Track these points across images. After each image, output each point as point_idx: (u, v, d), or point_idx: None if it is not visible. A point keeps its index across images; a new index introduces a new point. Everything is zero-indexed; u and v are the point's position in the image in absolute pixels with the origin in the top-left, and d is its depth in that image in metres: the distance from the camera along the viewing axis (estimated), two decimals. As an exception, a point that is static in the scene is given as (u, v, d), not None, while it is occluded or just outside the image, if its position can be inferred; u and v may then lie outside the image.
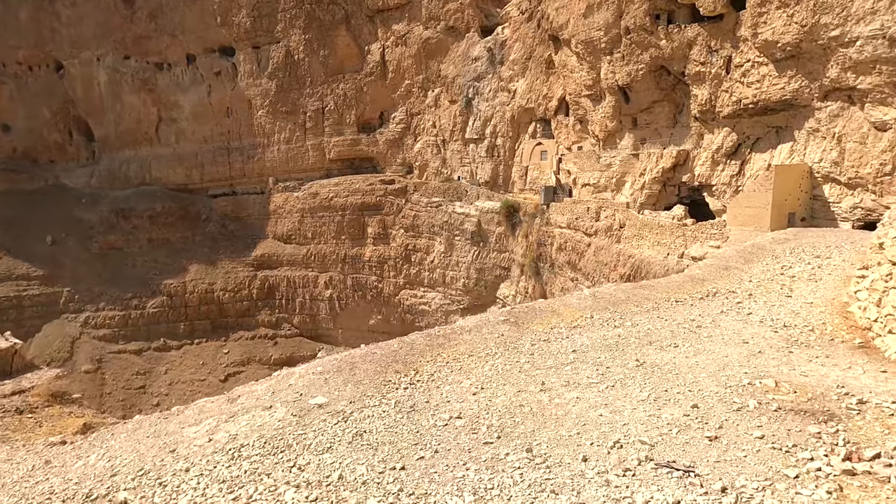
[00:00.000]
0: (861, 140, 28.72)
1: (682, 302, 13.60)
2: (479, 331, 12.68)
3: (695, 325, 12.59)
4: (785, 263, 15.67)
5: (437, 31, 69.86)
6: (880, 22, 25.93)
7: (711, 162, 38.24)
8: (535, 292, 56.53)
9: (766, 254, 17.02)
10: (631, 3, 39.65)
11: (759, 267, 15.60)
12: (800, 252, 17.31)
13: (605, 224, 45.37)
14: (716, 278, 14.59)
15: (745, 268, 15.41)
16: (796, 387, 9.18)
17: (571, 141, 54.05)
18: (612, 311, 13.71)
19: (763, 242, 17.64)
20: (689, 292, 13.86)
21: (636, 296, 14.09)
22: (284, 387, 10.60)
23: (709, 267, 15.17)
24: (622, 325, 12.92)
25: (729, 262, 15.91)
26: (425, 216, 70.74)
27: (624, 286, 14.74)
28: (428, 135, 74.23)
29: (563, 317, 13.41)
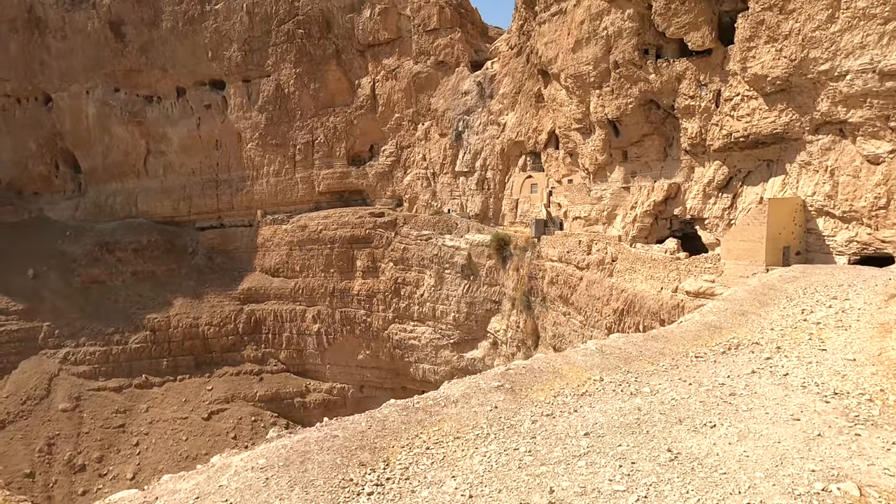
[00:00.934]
0: (854, 173, 28.42)
1: (703, 357, 11.93)
2: (468, 402, 10.62)
3: (727, 391, 10.72)
4: (803, 307, 14.34)
5: (427, 65, 70.36)
6: (870, 56, 25.89)
7: (703, 195, 37.89)
8: (526, 326, 55.50)
9: (779, 295, 15.75)
10: (619, 38, 39.84)
11: (777, 311, 14.22)
12: (814, 293, 16.05)
13: (597, 257, 44.74)
14: (733, 325, 13.05)
15: (761, 312, 14.04)
16: (888, 496, 7.11)
17: (562, 174, 53.85)
18: (624, 371, 11.81)
19: (772, 281, 16.59)
20: (708, 344, 12.28)
21: (649, 350, 12.38)
22: (213, 489, 8.13)
23: (723, 311, 13.75)
24: (640, 393, 10.94)
25: (742, 304, 14.56)
26: (415, 249, 69.98)
27: (634, 338, 12.86)
28: (418, 168, 74.05)
29: (568, 379, 11.44)
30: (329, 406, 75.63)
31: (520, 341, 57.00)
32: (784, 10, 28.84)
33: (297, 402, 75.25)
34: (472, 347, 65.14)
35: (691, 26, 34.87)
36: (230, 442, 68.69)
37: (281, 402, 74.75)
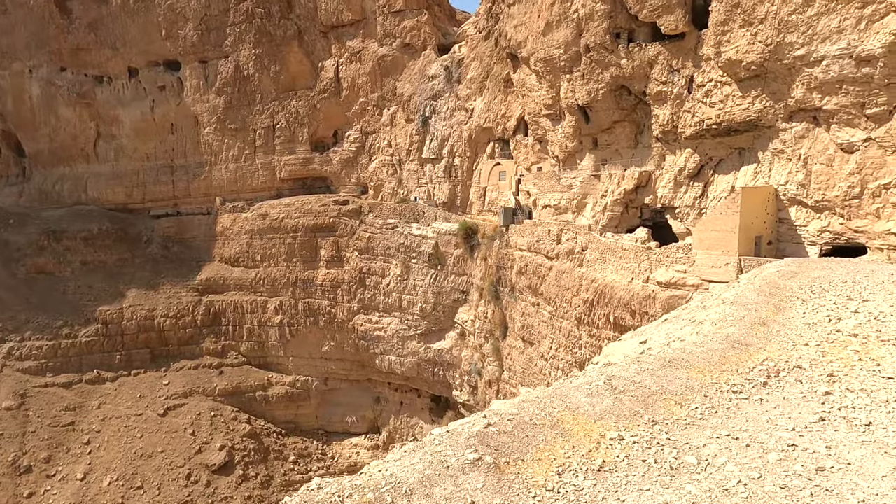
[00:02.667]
0: (828, 162, 27.93)
1: (742, 392, 9.26)
2: (428, 495, 6.84)
3: (808, 461, 7.68)
4: (826, 312, 12.57)
5: (393, 48, 68.14)
6: (847, 41, 25.25)
7: (674, 183, 37.21)
8: (494, 317, 54.48)
9: (789, 296, 13.89)
10: (591, 21, 38.65)
11: (799, 318, 12.23)
12: (822, 292, 14.50)
13: (566, 247, 43.83)
14: (759, 340, 10.72)
15: (781, 319, 11.99)
16: None
17: (531, 161, 52.70)
18: (648, 422, 8.61)
19: (772, 278, 15.35)
20: (740, 369, 9.74)
21: (671, 381, 9.48)
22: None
23: (739, 320, 11.55)
24: (683, 467, 7.61)
25: (757, 309, 12.40)
26: (381, 238, 68.14)
27: (648, 363, 9.93)
28: (383, 154, 71.99)
29: (574, 439, 8.05)
30: (293, 399, 73.66)
31: (488, 332, 55.98)
32: (760, -8, 27.99)
33: (259, 395, 72.92)
34: (439, 338, 63.92)
35: (664, 9, 33.89)
36: (188, 438, 66.13)
37: (242, 395, 72.28)
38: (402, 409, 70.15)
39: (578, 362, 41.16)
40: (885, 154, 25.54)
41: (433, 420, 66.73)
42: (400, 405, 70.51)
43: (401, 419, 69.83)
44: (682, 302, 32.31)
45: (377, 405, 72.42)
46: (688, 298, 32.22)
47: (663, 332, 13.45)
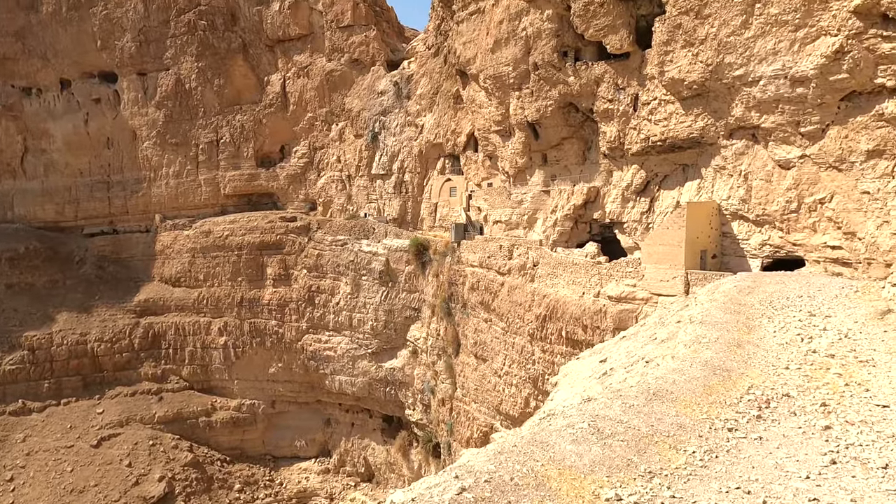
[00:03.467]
0: (767, 178, 28.91)
1: (738, 428, 8.48)
2: None
3: None
4: (796, 330, 12.33)
5: (342, 63, 67.43)
6: (782, 62, 26.29)
7: (622, 199, 37.84)
8: (447, 334, 53.92)
9: (754, 313, 13.72)
10: (539, 39, 39.16)
11: (771, 338, 11.79)
12: (786, 308, 14.54)
13: (518, 262, 43.87)
14: (738, 364, 10.15)
15: (755, 340, 11.57)
16: None
17: (481, 177, 52.81)
18: (644, 474, 7.63)
19: (731, 293, 15.35)
20: (728, 400, 9.03)
21: (660, 419, 8.54)
22: None
23: (713, 342, 11.01)
24: None
25: (727, 328, 11.98)
26: (330, 255, 66.69)
27: (632, 397, 8.98)
28: (332, 170, 70.81)
29: (563, 501, 7.03)
30: (238, 424, 70.64)
31: (440, 349, 55.33)
32: (700, 14, 28.94)
33: (202, 421, 69.55)
34: (391, 357, 62.77)
35: (609, 29, 34.64)
36: (124, 470, 62.25)
37: (184, 422, 68.73)
38: (354, 431, 68.35)
39: (532, 378, 41.04)
40: (819, 170, 26.62)
41: (385, 441, 65.29)
42: (351, 426, 68.70)
43: (352, 441, 67.99)
44: (633, 316, 32.67)
45: (327, 427, 70.33)
46: (638, 312, 32.63)
47: (623, 349, 13.18)
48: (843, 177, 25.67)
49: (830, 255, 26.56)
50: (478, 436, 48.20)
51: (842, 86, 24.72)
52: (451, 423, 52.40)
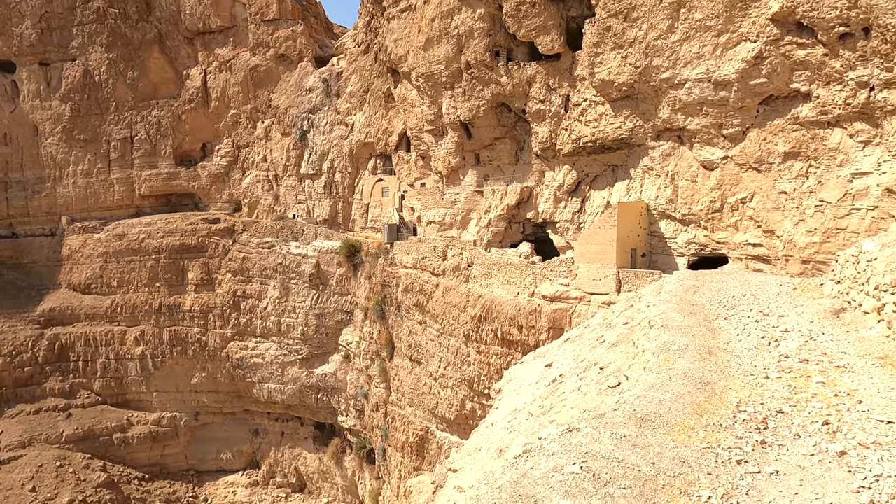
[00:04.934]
0: (692, 178, 29.82)
1: (746, 460, 7.50)
2: None
3: None
4: (760, 333, 11.86)
5: (267, 58, 64.79)
6: (706, 66, 27.13)
7: (554, 199, 38.17)
8: (380, 337, 52.77)
9: (709, 314, 13.23)
10: (471, 38, 38.87)
11: (737, 342, 11.29)
12: (737, 308, 14.32)
13: (452, 263, 43.42)
14: (717, 375, 9.45)
15: (723, 346, 10.89)
16: None
17: (414, 177, 52.06)
18: None
19: (679, 293, 15.11)
20: (721, 421, 8.14)
21: (661, 456, 7.41)
22: None
23: (684, 349, 10.20)
24: None
25: (694, 333, 11.29)
26: (256, 258, 63.89)
27: (620, 423, 7.89)
28: (258, 169, 67.94)
29: None
30: (158, 439, 66.40)
31: (374, 353, 54.11)
32: (629, 17, 29.47)
33: (117, 438, 64.86)
34: (322, 362, 60.86)
35: (541, 30, 34.78)
36: (26, 496, 57.00)
37: (96, 440, 63.83)
38: (284, 440, 65.80)
39: (468, 380, 40.68)
40: (740, 171, 27.68)
41: (317, 449, 63.26)
42: (281, 436, 66.10)
43: (282, 451, 65.43)
44: (567, 315, 32.91)
45: (255, 438, 67.35)
46: (572, 311, 32.89)
47: (569, 353, 12.75)
48: (763, 177, 26.79)
49: (752, 252, 27.68)
50: (413, 440, 47.39)
51: (761, 90, 25.77)
52: (385, 427, 51.30)
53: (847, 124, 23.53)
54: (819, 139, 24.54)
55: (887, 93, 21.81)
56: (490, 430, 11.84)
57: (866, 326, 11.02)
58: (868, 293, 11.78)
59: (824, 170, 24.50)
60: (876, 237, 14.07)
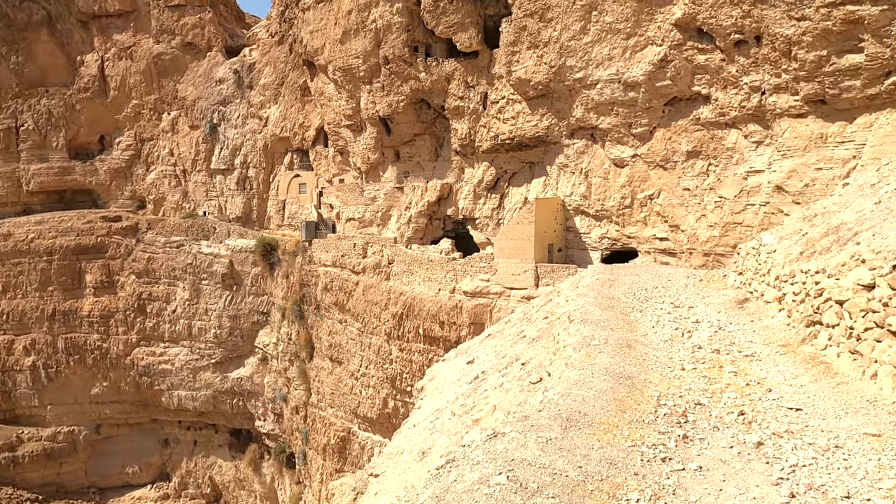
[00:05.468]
0: (604, 175, 30.98)
1: (672, 458, 7.54)
2: None
3: None
4: (674, 325, 12.14)
5: (172, 46, 61.11)
6: (616, 67, 28.22)
7: (474, 195, 38.50)
8: (299, 338, 51.31)
9: (626, 307, 13.52)
10: (389, 33, 38.40)
11: (653, 334, 11.48)
12: (650, 300, 14.74)
13: (373, 261, 42.86)
14: (637, 369, 9.49)
15: (640, 338, 11.02)
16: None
17: (332, 173, 50.91)
18: None
19: (596, 286, 15.36)
20: (643, 417, 8.17)
21: (588, 458, 7.35)
22: None
23: (604, 343, 10.23)
24: None
25: (613, 327, 11.40)
26: (164, 258, 60.24)
27: (545, 425, 7.67)
28: (164, 164, 64.05)
29: None
30: (53, 456, 61.22)
31: (293, 354, 52.53)
32: (544, 17, 30.13)
33: (4, 457, 59.20)
34: (237, 366, 58.37)
35: (459, 27, 34.88)
36: None
37: (-18, 462, 57.95)
38: (197, 449, 62.57)
39: (390, 378, 40.34)
40: (648, 169, 29.05)
41: (234, 456, 60.68)
42: (194, 444, 62.81)
43: (195, 461, 62.21)
44: (488, 310, 33.31)
45: (165, 448, 63.61)
46: (492, 306, 33.33)
47: (490, 349, 12.73)
48: (668, 175, 28.26)
49: (659, 246, 29.15)
50: (335, 441, 46.47)
51: (666, 92, 27.13)
52: (306, 430, 49.97)
53: (742, 125, 25.23)
54: (718, 139, 26.17)
55: (776, 97, 23.57)
56: (412, 432, 11.60)
57: (768, 315, 11.81)
58: (769, 284, 12.71)
59: (723, 168, 26.16)
60: (774, 230, 15.12)
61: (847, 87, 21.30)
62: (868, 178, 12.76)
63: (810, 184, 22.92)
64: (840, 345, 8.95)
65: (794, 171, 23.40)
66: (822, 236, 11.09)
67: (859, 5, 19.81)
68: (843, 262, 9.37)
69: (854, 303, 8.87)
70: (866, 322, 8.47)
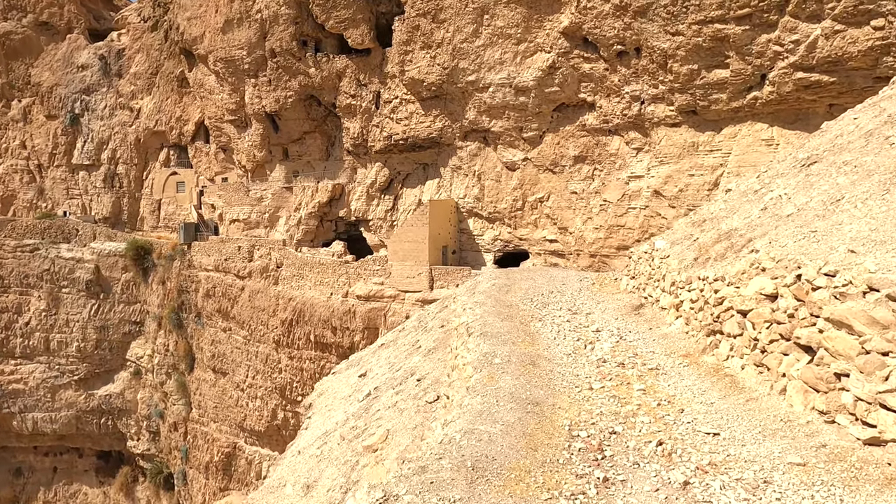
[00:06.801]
0: (497, 178, 31.35)
1: None
2: None
3: None
4: (575, 335, 11.60)
5: (24, 25, 54.36)
6: (507, 72, 28.60)
7: (367, 196, 37.59)
8: (178, 348, 47.43)
9: (524, 316, 12.80)
10: (275, 25, 36.47)
11: (555, 346, 10.83)
12: (549, 306, 14.20)
13: (260, 264, 40.51)
14: (544, 392, 8.67)
15: (543, 353, 10.26)
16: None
17: (214, 171, 47.65)
18: None
19: (492, 293, 14.65)
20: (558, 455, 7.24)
21: None
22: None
23: (507, 362, 9.40)
24: None
25: (514, 340, 10.61)
26: (14, 264, 53.32)
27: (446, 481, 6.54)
28: (15, 157, 56.80)
29: None
30: None
31: (170, 366, 48.47)
32: (437, 18, 29.91)
33: None
34: (105, 381, 52.94)
35: (350, 23, 33.86)
36: None
37: None
38: (57, 477, 55.97)
39: (279, 388, 38.34)
40: (538, 172, 29.74)
41: (101, 482, 54.99)
42: (53, 472, 56.13)
43: (55, 489, 55.61)
44: (382, 314, 32.55)
45: (18, 479, 56.28)
46: (386, 310, 32.61)
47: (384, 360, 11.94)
48: (557, 178, 29.10)
49: (549, 247, 29.95)
50: (219, 458, 43.43)
51: (554, 97, 27.89)
52: (186, 448, 46.28)
53: (624, 133, 26.48)
54: (602, 145, 27.30)
55: (654, 106, 24.96)
56: (297, 460, 10.46)
57: (665, 322, 11.92)
58: (664, 289, 12.84)
59: (607, 173, 27.32)
60: (665, 235, 15.62)
61: (715, 100, 22.96)
62: (750, 185, 13.43)
63: (684, 189, 24.49)
64: (744, 356, 8.80)
65: (670, 177, 24.90)
66: (715, 242, 11.39)
67: (725, 24, 21.39)
68: (742, 271, 9.31)
69: (758, 313, 8.64)
70: (771, 334, 8.27)
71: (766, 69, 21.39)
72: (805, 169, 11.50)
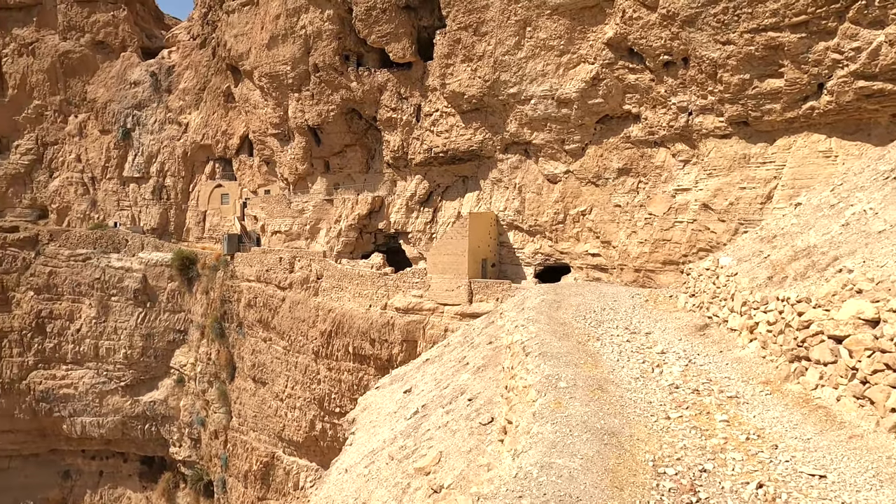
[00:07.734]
0: (538, 191, 30.94)
1: None
2: None
3: None
4: (638, 356, 10.91)
5: (81, 44, 56.89)
6: (549, 84, 28.28)
7: (406, 209, 37.65)
8: (220, 357, 48.31)
9: (581, 335, 12.05)
10: (319, 40, 37.11)
11: (619, 369, 10.10)
12: (604, 324, 13.41)
13: (300, 275, 40.97)
14: (619, 422, 8.02)
15: (608, 376, 9.64)
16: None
17: (257, 184, 48.63)
18: None
19: (544, 309, 14.18)
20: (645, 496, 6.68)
21: None
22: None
23: (573, 386, 8.86)
24: None
25: (576, 363, 9.96)
26: (67, 273, 55.43)
27: None
28: (71, 170, 59.26)
29: None
30: (-70, 495, 54.48)
31: (212, 375, 49.37)
32: (478, 31, 29.88)
33: None
34: (150, 388, 54.30)
35: (392, 37, 34.15)
36: None
37: None
38: (104, 480, 57.55)
39: (318, 399, 38.52)
40: (580, 185, 29.22)
41: (145, 486, 56.23)
42: (99, 476, 57.75)
43: (101, 493, 57.15)
44: (421, 327, 32.38)
45: (66, 481, 58.10)
46: (425, 323, 32.43)
47: (429, 377, 11.65)
48: (600, 191, 28.51)
49: (591, 261, 29.31)
50: (258, 467, 43.86)
51: (598, 109, 27.41)
52: (226, 456, 46.92)
53: (670, 144, 25.78)
54: (647, 157, 26.63)
55: (702, 118, 24.23)
56: (343, 479, 10.22)
57: (738, 346, 11.10)
58: (733, 309, 11.96)
59: (652, 185, 26.62)
60: (730, 251, 14.82)
61: (768, 110, 22.12)
62: (825, 198, 12.57)
63: (735, 202, 23.61)
64: (838, 386, 7.99)
65: (720, 190, 24.06)
66: (791, 259, 10.58)
67: (780, 32, 20.63)
68: (832, 292, 8.61)
69: (856, 339, 7.95)
70: (874, 363, 7.46)
71: (823, 78, 20.50)
72: (891, 182, 10.71)
